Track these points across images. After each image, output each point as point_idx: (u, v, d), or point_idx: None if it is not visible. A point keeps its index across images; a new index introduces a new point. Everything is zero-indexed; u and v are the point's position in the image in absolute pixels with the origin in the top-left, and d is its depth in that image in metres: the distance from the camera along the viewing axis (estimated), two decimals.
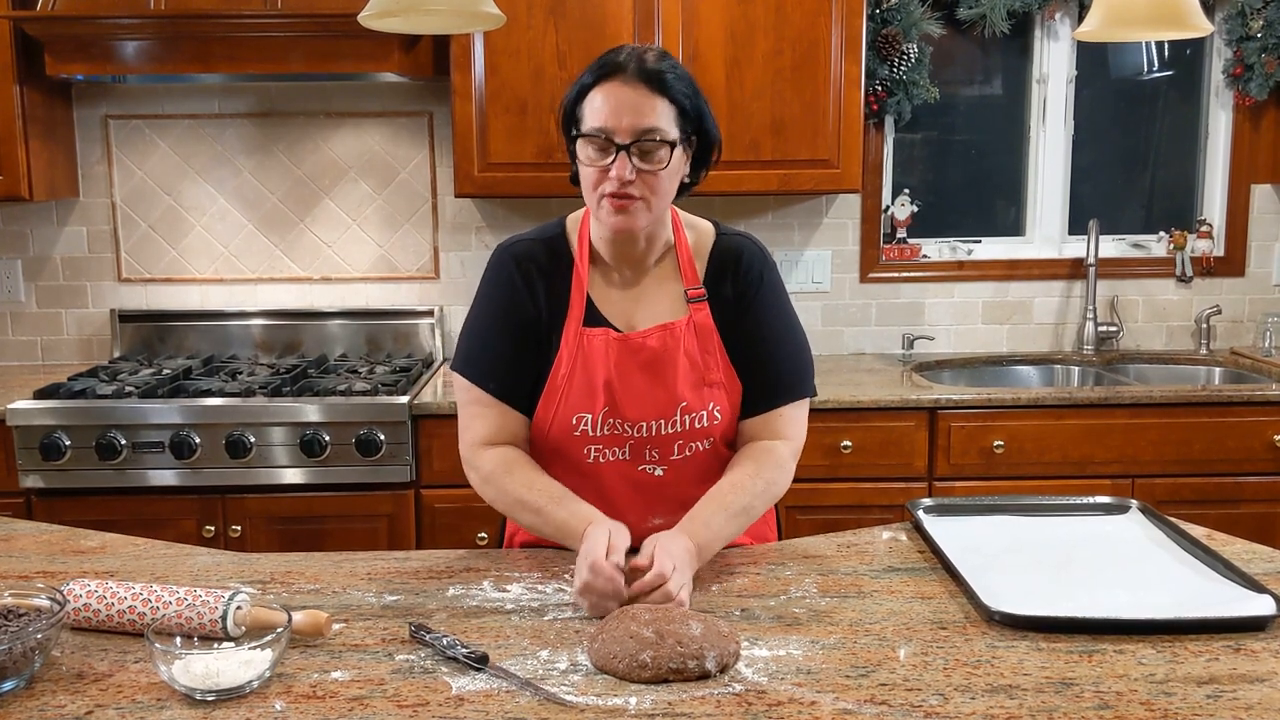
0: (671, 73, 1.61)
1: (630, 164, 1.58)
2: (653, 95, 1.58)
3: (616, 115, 1.57)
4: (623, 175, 1.58)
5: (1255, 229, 3.57)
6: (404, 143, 3.45)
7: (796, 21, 3.04)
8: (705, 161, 1.70)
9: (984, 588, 1.48)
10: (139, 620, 1.39)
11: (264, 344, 3.45)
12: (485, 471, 1.70)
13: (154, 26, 2.95)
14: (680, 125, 1.61)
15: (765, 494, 1.70)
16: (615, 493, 1.73)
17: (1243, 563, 1.59)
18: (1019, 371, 3.51)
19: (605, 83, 1.59)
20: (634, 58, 1.60)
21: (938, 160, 3.64)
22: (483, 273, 1.77)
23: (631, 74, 1.58)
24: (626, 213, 1.62)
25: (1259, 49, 3.37)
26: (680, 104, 1.61)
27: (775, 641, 1.38)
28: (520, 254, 1.73)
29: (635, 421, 1.69)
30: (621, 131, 1.57)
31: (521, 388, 1.72)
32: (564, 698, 1.23)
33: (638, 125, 1.57)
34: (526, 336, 1.71)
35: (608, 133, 1.57)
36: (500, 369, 1.71)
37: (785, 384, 1.75)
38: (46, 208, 3.46)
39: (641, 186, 1.60)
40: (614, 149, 1.58)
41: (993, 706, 1.21)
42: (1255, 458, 2.98)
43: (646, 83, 1.58)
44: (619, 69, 1.59)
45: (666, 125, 1.59)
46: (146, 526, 2.66)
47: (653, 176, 1.60)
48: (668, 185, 1.63)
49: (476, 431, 1.73)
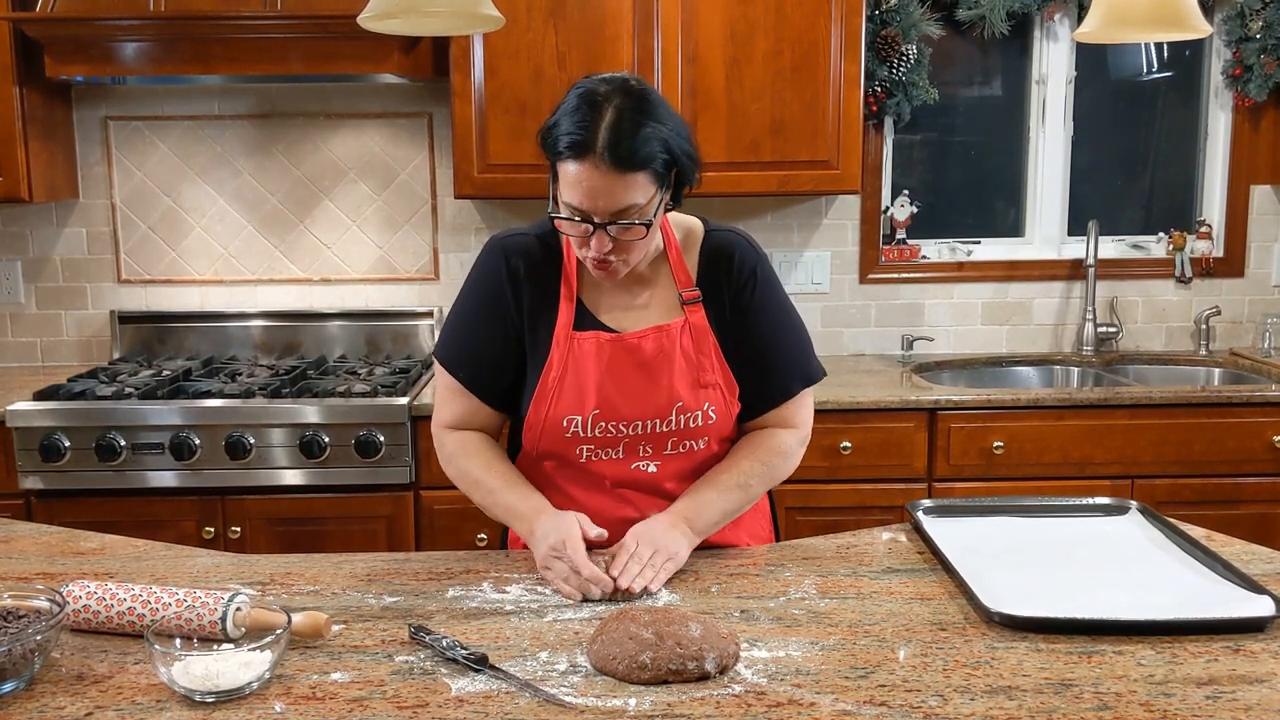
0: (646, 144, 1.53)
1: (608, 238, 1.58)
2: (625, 175, 1.53)
3: (591, 198, 1.55)
4: (601, 250, 1.59)
5: (1254, 230, 3.57)
6: (403, 144, 3.45)
7: (796, 22, 3.04)
8: (686, 183, 1.67)
9: (983, 589, 1.48)
10: (139, 622, 1.39)
11: (263, 345, 3.45)
12: (448, 451, 1.78)
13: (153, 28, 2.95)
14: (657, 183, 1.58)
15: (764, 475, 1.75)
16: (608, 489, 1.75)
17: (1242, 563, 1.59)
18: (1018, 372, 3.51)
19: (578, 161, 1.53)
20: (605, 131, 1.52)
21: (937, 161, 3.64)
22: (474, 260, 1.78)
23: (600, 156, 1.51)
24: (608, 270, 1.64)
25: (1258, 50, 3.38)
26: (654, 170, 1.56)
27: (775, 642, 1.38)
28: (512, 248, 1.73)
29: (630, 420, 1.70)
30: (597, 213, 1.56)
31: (496, 381, 1.75)
32: (563, 699, 1.24)
33: (612, 207, 1.55)
34: (508, 332, 1.73)
35: (583, 214, 1.57)
36: (473, 361, 1.75)
37: (788, 379, 1.78)
38: (46, 209, 3.46)
39: (619, 251, 1.61)
40: (590, 225, 1.58)
41: (992, 707, 1.21)
42: (1255, 458, 2.98)
43: (617, 164, 1.52)
44: (587, 149, 1.52)
45: (641, 197, 1.56)
46: (146, 528, 2.67)
47: (630, 244, 1.60)
48: (647, 244, 1.64)
49: (444, 415, 1.80)
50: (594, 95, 1.56)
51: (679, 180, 1.65)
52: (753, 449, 1.76)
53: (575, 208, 1.57)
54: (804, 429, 1.81)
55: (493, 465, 1.74)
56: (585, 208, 1.56)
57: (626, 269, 1.66)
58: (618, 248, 1.60)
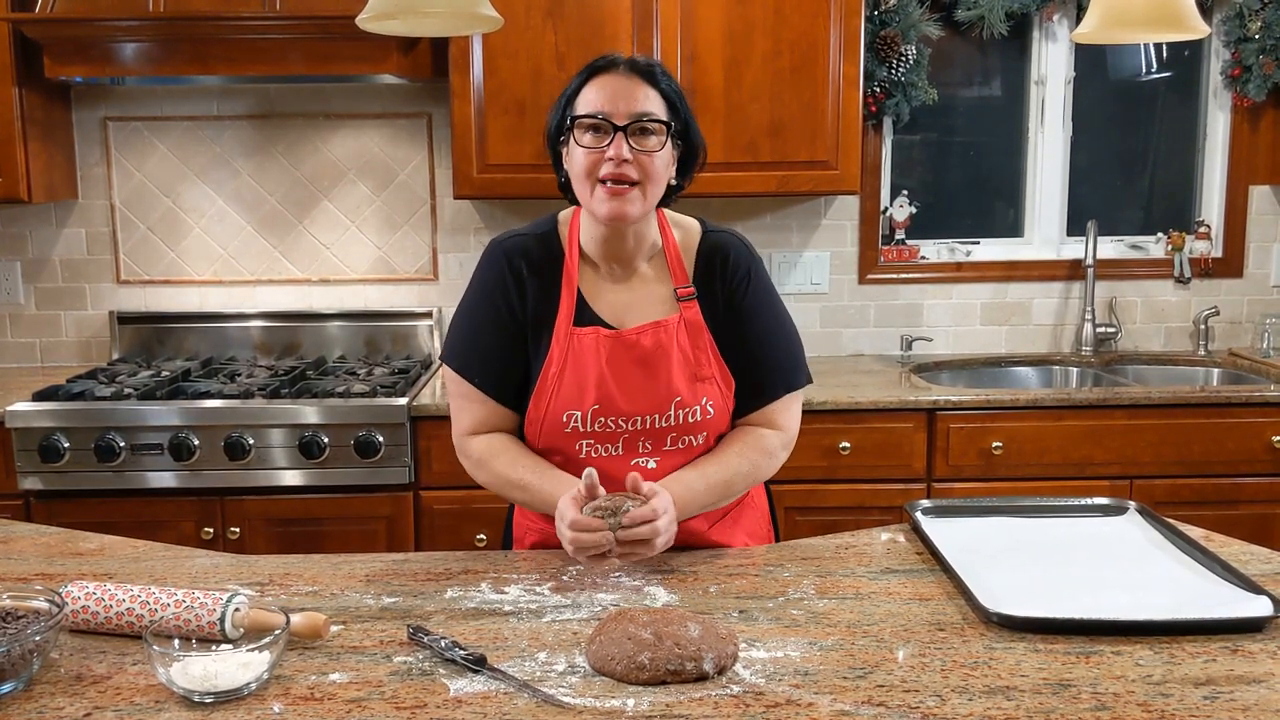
0: (661, 72, 1.70)
1: (627, 144, 1.63)
2: (645, 84, 1.66)
3: (612, 101, 1.64)
4: (620, 154, 1.63)
5: (1253, 230, 3.57)
6: (403, 144, 3.45)
7: (795, 23, 3.04)
8: (691, 165, 1.75)
9: (981, 589, 1.48)
10: (137, 622, 1.39)
11: (263, 346, 3.45)
12: (475, 457, 1.78)
13: (153, 29, 2.95)
14: (670, 115, 1.68)
15: (749, 475, 1.76)
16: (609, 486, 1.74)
17: (1240, 564, 1.60)
18: (1017, 373, 3.51)
19: (598, 76, 1.67)
20: (629, 59, 1.69)
21: (936, 161, 3.64)
22: (475, 265, 1.80)
23: (623, 68, 1.67)
24: (622, 199, 1.65)
25: (1257, 50, 3.38)
26: (670, 99, 1.68)
27: (773, 643, 1.38)
28: (512, 250, 1.76)
29: (630, 415, 1.71)
30: (618, 115, 1.64)
31: (508, 382, 1.76)
32: (562, 699, 1.24)
33: (633, 109, 1.64)
34: (514, 332, 1.75)
35: (605, 114, 1.64)
36: (486, 364, 1.76)
37: (777, 380, 1.79)
38: (45, 210, 3.46)
39: (637, 169, 1.64)
40: (611, 130, 1.63)
41: (990, 708, 1.21)
42: (1254, 459, 2.99)
43: (638, 73, 1.66)
44: (611, 64, 1.68)
45: (659, 111, 1.66)
46: (145, 528, 2.67)
47: (647, 159, 1.65)
48: (661, 172, 1.68)
49: (464, 422, 1.79)
50: (609, 53, 1.72)
51: (687, 155, 1.72)
52: (742, 447, 1.77)
53: (595, 111, 1.64)
54: (789, 433, 1.82)
55: (519, 461, 1.74)
56: (606, 109, 1.63)
57: (640, 206, 1.67)
58: (635, 163, 1.64)
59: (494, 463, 1.75)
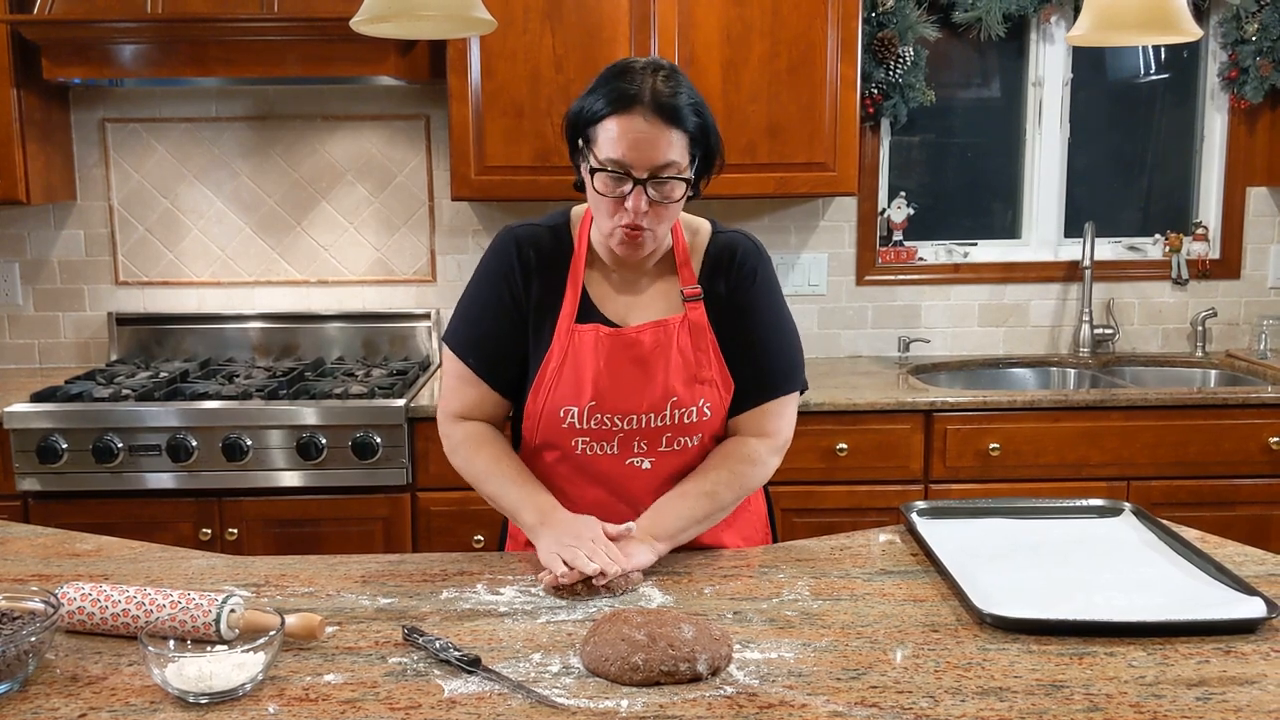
0: (685, 101, 1.60)
1: (645, 197, 1.60)
2: (668, 129, 1.58)
3: (635, 150, 1.57)
4: (639, 208, 1.60)
5: (1250, 231, 3.58)
6: (401, 146, 3.45)
7: (793, 24, 3.04)
8: (708, 170, 1.70)
9: (975, 590, 1.48)
10: (133, 623, 1.39)
11: (261, 347, 3.45)
12: (454, 442, 1.80)
13: (151, 30, 2.96)
14: (691, 150, 1.62)
15: (732, 483, 1.74)
16: (603, 484, 1.76)
17: (1234, 565, 1.60)
18: (1015, 374, 3.52)
19: (622, 115, 1.57)
20: (648, 89, 1.58)
21: (934, 163, 3.64)
22: (485, 250, 1.80)
23: (648, 107, 1.57)
24: (636, 244, 1.65)
25: (1254, 52, 3.38)
26: (692, 133, 1.61)
27: (767, 644, 1.38)
28: (524, 238, 1.76)
29: (626, 414, 1.71)
30: (639, 167, 1.58)
31: (504, 367, 1.77)
32: (556, 700, 1.24)
33: (654, 160, 1.58)
34: (516, 319, 1.75)
35: (625, 166, 1.58)
36: (484, 347, 1.76)
37: (773, 381, 1.78)
38: (44, 211, 3.46)
39: (652, 218, 1.62)
40: (630, 182, 1.59)
41: (983, 709, 1.21)
42: (1251, 460, 2.99)
43: (661, 116, 1.57)
44: (635, 100, 1.57)
45: (680, 157, 1.60)
46: (143, 529, 2.68)
47: (664, 208, 1.62)
48: (676, 210, 1.66)
49: (452, 404, 1.80)
50: (631, 64, 1.62)
51: (704, 163, 1.67)
52: (723, 458, 1.76)
53: (616, 161, 1.58)
54: (778, 438, 1.80)
55: (502, 459, 1.75)
56: (628, 160, 1.58)
57: (654, 244, 1.67)
58: (652, 213, 1.61)
59: (473, 453, 1.76)
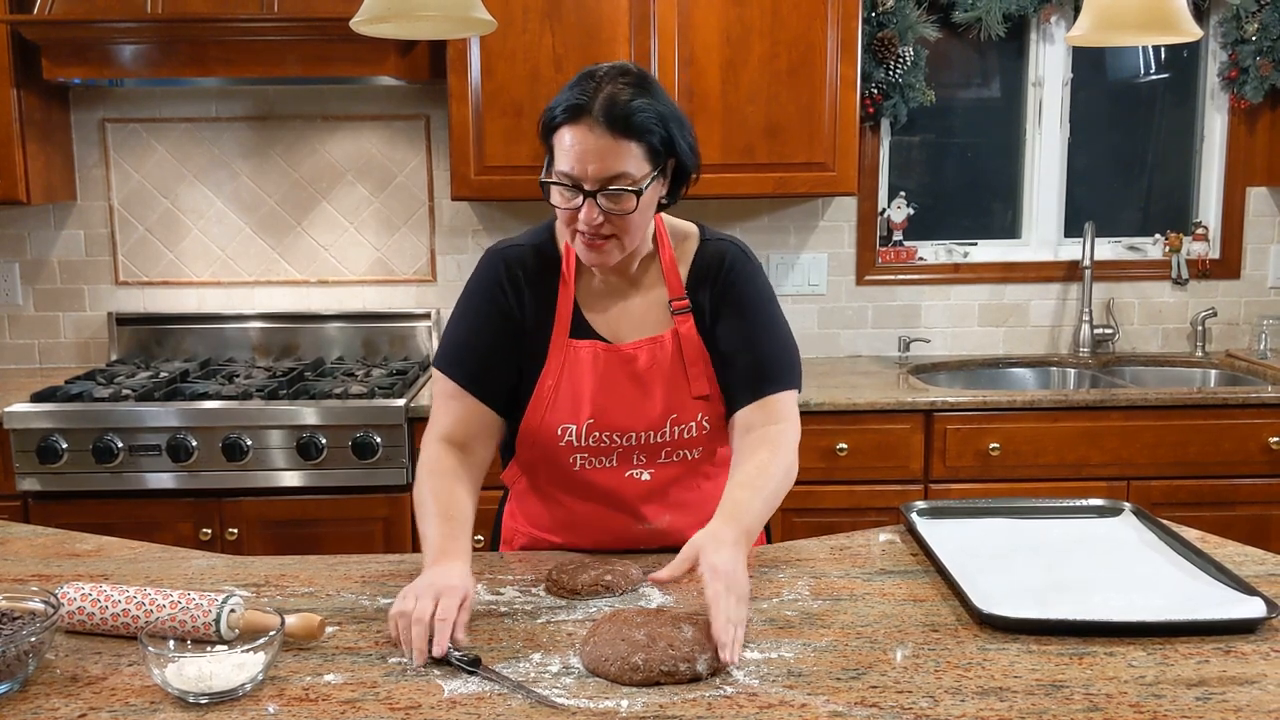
0: (642, 111, 1.53)
1: (597, 208, 1.55)
2: (619, 140, 1.52)
3: (582, 162, 1.53)
4: (591, 220, 1.56)
5: (1250, 231, 3.58)
6: (401, 146, 3.45)
7: (792, 25, 3.04)
8: (683, 182, 1.66)
9: (975, 590, 1.48)
10: (133, 624, 1.39)
11: (261, 347, 3.45)
12: (419, 463, 1.68)
13: (151, 30, 2.96)
14: (651, 161, 1.57)
15: (787, 478, 1.65)
16: (602, 497, 1.74)
17: (1234, 565, 1.60)
18: (1015, 374, 3.52)
19: (572, 124, 1.53)
20: (602, 98, 1.53)
21: (934, 163, 3.64)
22: (471, 272, 1.76)
23: (598, 117, 1.52)
24: (600, 251, 1.61)
25: (1254, 52, 3.38)
26: (649, 143, 1.55)
27: (767, 644, 1.38)
28: (510, 258, 1.72)
29: (624, 431, 1.69)
30: (587, 179, 1.54)
31: (495, 381, 1.70)
32: (555, 700, 1.24)
33: (603, 173, 1.53)
34: (508, 332, 1.70)
35: (574, 179, 1.54)
36: (474, 360, 1.70)
37: (771, 371, 1.69)
38: (44, 211, 3.46)
39: (612, 226, 1.58)
40: (580, 194, 1.55)
41: (983, 709, 1.21)
42: (1251, 460, 2.99)
43: (612, 128, 1.52)
44: (583, 111, 1.52)
45: (634, 168, 1.54)
46: (143, 529, 2.67)
47: (622, 219, 1.58)
48: (640, 221, 1.61)
49: (437, 424, 1.71)
50: (594, 72, 1.58)
51: (678, 173, 1.63)
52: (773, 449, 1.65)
53: (566, 174, 1.55)
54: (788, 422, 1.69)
55: (440, 493, 1.60)
56: (575, 173, 1.53)
57: (620, 254, 1.63)
58: (610, 224, 1.57)
59: (425, 479, 1.63)
